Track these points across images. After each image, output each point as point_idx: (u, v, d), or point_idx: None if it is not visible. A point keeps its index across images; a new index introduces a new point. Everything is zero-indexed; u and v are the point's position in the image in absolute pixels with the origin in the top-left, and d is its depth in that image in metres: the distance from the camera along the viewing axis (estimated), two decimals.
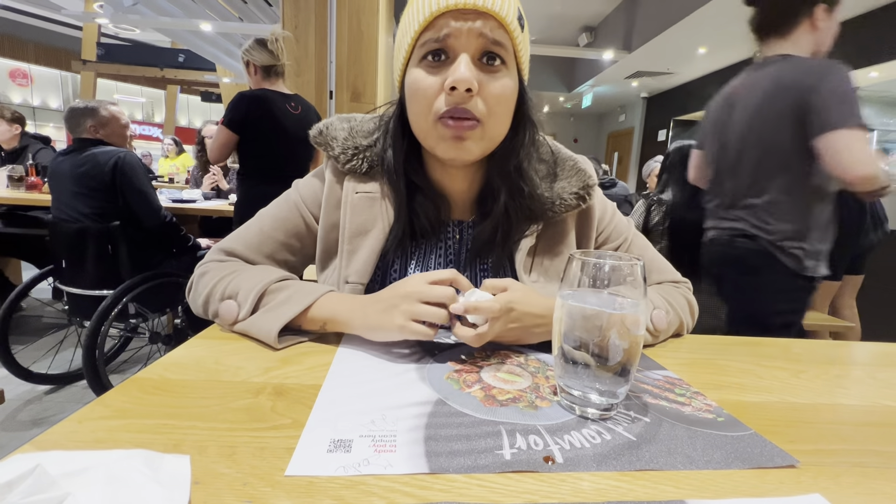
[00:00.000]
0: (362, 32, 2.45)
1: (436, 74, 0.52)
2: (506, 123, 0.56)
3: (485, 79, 0.52)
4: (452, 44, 0.51)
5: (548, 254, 0.63)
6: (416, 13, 0.52)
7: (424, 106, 0.53)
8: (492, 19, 0.51)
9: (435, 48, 0.52)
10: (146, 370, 0.43)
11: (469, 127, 0.52)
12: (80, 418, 0.34)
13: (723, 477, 0.32)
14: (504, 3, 0.51)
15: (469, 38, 0.51)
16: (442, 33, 0.51)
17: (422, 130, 0.56)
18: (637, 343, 0.39)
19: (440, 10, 0.50)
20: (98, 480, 0.24)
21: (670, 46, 5.28)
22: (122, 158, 1.65)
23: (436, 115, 0.53)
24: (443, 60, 0.52)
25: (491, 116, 0.53)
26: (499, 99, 0.53)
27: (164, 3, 4.16)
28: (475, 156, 0.56)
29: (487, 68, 0.52)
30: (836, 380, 0.52)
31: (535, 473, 0.31)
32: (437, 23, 0.51)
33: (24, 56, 9.29)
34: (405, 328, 0.48)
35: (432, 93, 0.52)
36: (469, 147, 0.54)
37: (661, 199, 1.74)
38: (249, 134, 1.84)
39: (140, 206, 1.71)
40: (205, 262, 0.62)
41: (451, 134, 0.53)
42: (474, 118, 0.52)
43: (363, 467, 0.31)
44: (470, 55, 0.51)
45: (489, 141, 0.56)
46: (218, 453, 0.31)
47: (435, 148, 0.56)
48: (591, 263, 0.39)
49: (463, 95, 0.51)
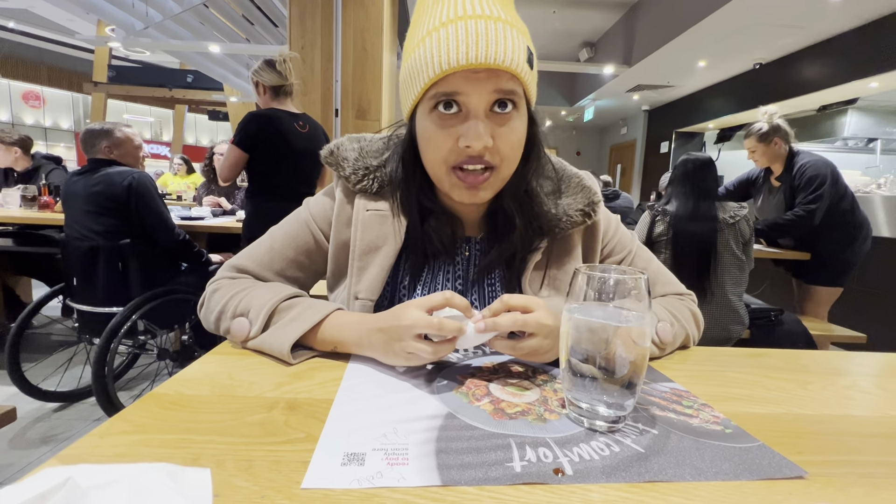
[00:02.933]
0: (367, 52, 2.51)
1: (449, 128, 0.52)
2: (517, 162, 0.57)
3: (497, 128, 0.52)
4: (464, 100, 0.51)
5: (555, 268, 0.63)
6: (424, 66, 0.50)
7: (439, 156, 0.54)
8: (504, 73, 0.50)
9: (446, 100, 0.51)
10: (163, 386, 0.44)
11: (483, 179, 0.54)
12: (101, 433, 0.35)
13: (731, 488, 0.33)
14: (515, 52, 0.50)
15: (482, 96, 0.50)
16: (453, 90, 0.50)
17: (436, 176, 0.57)
18: (643, 355, 0.40)
19: (451, 70, 0.49)
20: (124, 493, 0.25)
21: (670, 60, 5.34)
22: (136, 179, 1.69)
23: (449, 165, 0.54)
24: (454, 112, 0.52)
25: (504, 161, 0.54)
26: (512, 145, 0.54)
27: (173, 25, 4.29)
28: (489, 198, 0.58)
29: (499, 116, 0.52)
30: (843, 391, 0.53)
31: (546, 485, 0.32)
32: (448, 80, 0.50)
33: (37, 78, 9.54)
34: (408, 361, 0.48)
35: (446, 145, 0.53)
36: (483, 195, 0.56)
37: (666, 209, 1.75)
38: (259, 153, 1.87)
39: (155, 225, 1.75)
40: (216, 279, 0.63)
41: (465, 185, 0.55)
42: (489, 167, 0.54)
43: (377, 480, 0.31)
44: (483, 110, 0.51)
45: (502, 182, 0.57)
46: (235, 467, 0.32)
47: (450, 192, 0.57)
48: (596, 277, 0.40)
49: (479, 151, 0.52)
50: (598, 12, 5.88)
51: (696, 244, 1.68)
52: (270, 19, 4.51)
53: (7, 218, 2.39)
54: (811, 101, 5.18)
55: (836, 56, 4.41)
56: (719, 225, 1.68)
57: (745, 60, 5.32)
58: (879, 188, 3.51)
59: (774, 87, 5.22)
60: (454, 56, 0.48)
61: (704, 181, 1.74)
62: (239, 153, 1.85)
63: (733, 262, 1.69)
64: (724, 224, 1.68)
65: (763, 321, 1.83)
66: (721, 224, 1.68)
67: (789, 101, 5.12)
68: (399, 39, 3.44)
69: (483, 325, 0.47)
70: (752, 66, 5.47)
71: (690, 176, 1.75)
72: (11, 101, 9.42)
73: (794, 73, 4.93)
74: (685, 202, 1.72)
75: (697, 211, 1.70)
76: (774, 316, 1.85)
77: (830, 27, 4.22)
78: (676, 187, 1.78)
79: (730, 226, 1.68)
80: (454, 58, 0.48)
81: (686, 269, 1.67)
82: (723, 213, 1.70)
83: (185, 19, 4.26)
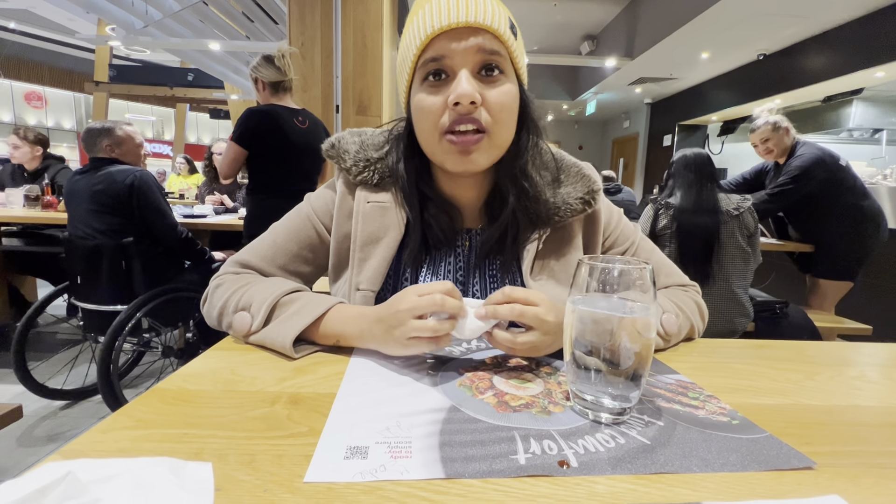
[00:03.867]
0: (367, 47, 2.50)
1: (438, 93, 0.54)
2: (511, 129, 0.58)
3: (486, 89, 0.54)
4: (451, 63, 0.53)
5: (553, 258, 0.63)
6: (413, 37, 0.54)
7: (430, 124, 0.55)
8: (486, 33, 0.53)
9: (434, 69, 0.54)
10: (165, 381, 0.44)
11: (475, 140, 0.54)
12: (104, 429, 0.35)
13: (739, 479, 0.32)
14: (495, 16, 0.53)
15: (466, 56, 0.53)
16: (439, 54, 0.53)
17: (430, 147, 0.58)
18: (648, 347, 0.39)
19: (435, 32, 0.52)
20: (126, 487, 0.24)
21: (673, 52, 5.29)
22: (137, 177, 1.70)
23: (442, 131, 0.54)
24: (444, 79, 0.54)
25: (496, 124, 0.55)
26: (502, 106, 0.54)
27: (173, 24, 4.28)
28: (483, 166, 0.57)
29: (487, 79, 0.54)
30: (850, 381, 0.52)
31: (551, 478, 0.32)
32: (434, 45, 0.53)
33: (39, 79, 9.57)
34: (409, 347, 0.48)
35: (437, 111, 0.54)
36: (476, 159, 0.56)
37: (669, 203, 1.74)
38: (259, 149, 1.87)
39: (157, 223, 1.75)
40: (219, 275, 0.63)
41: (457, 149, 0.55)
42: (480, 129, 0.54)
43: (380, 473, 0.31)
44: (469, 70, 0.53)
45: (497, 149, 0.57)
46: (238, 461, 0.32)
47: (444, 162, 0.57)
48: (599, 268, 0.40)
49: (467, 108, 0.52)
50: (599, 4, 5.83)
51: (701, 236, 1.67)
52: (270, 16, 4.49)
53: (11, 218, 2.40)
54: (816, 92, 5.13)
55: (841, 46, 4.36)
56: (723, 217, 1.66)
57: (749, 51, 5.27)
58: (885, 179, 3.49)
59: (779, 77, 5.17)
60: (437, 19, 0.52)
61: (704, 172, 1.73)
62: (238, 149, 1.85)
63: (738, 254, 1.67)
64: (728, 216, 1.67)
65: (768, 314, 1.82)
66: (725, 216, 1.67)
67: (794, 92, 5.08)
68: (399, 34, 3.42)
69: (483, 310, 0.47)
70: (755, 57, 5.42)
71: (691, 167, 1.75)
72: (14, 102, 9.45)
73: (799, 63, 4.88)
74: (687, 194, 1.72)
75: (700, 203, 1.69)
76: (779, 308, 1.84)
77: (835, 16, 4.17)
78: (677, 179, 1.77)
79: (734, 217, 1.67)
80: (437, 21, 0.52)
81: (690, 262, 1.67)
82: (726, 204, 1.69)
83: (185, 17, 4.26)
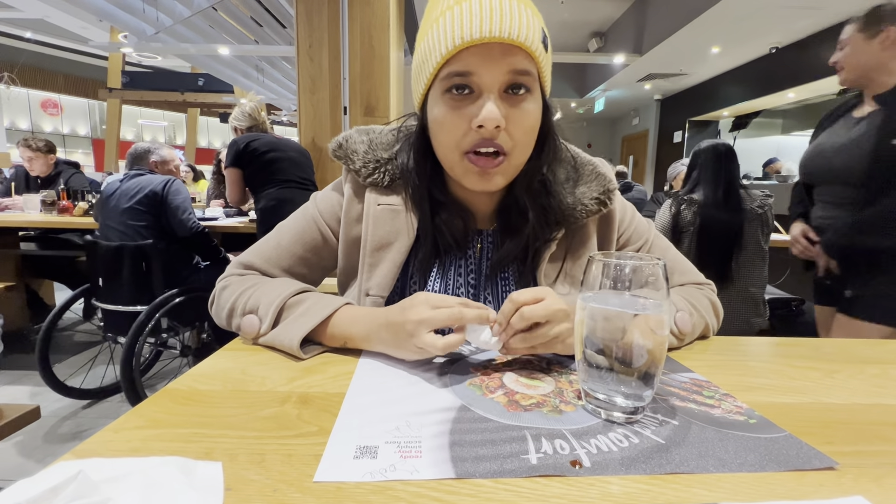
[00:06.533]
0: (374, 49, 2.50)
1: (461, 109, 0.51)
2: (530, 148, 0.56)
3: (510, 111, 0.51)
4: (478, 81, 0.49)
5: (570, 260, 0.62)
6: (437, 43, 0.49)
7: (451, 141, 0.53)
8: (519, 51, 0.49)
9: (459, 83, 0.50)
10: (176, 381, 0.44)
11: (496, 164, 0.52)
12: (115, 428, 0.35)
13: (757, 480, 0.31)
14: (530, 29, 0.48)
15: (495, 75, 0.49)
16: (466, 69, 0.49)
17: (448, 162, 0.56)
18: (661, 344, 0.38)
19: (465, 45, 0.47)
20: (136, 486, 0.24)
21: (682, 47, 5.23)
22: (172, 181, 1.93)
23: (462, 150, 0.53)
24: (467, 94, 0.51)
25: (517, 147, 0.53)
26: (525, 129, 0.53)
27: (183, 30, 4.34)
28: (501, 186, 0.56)
29: (513, 98, 0.51)
30: (872, 379, 0.50)
31: (563, 478, 0.31)
32: (461, 57, 0.49)
33: (54, 87, 9.78)
34: (417, 355, 0.47)
35: (459, 129, 0.52)
36: (496, 181, 0.54)
37: (693, 198, 1.65)
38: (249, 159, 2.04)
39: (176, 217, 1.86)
40: (225, 276, 0.63)
41: (477, 170, 0.53)
42: (501, 152, 0.52)
43: (390, 473, 0.31)
44: (497, 90, 0.50)
45: (515, 169, 0.56)
46: (248, 460, 0.32)
47: (462, 180, 0.56)
48: (612, 265, 0.39)
49: (491, 133, 0.50)
50: (606, 1, 5.78)
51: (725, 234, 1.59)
52: (279, 21, 4.53)
53: (28, 223, 2.45)
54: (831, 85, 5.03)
55: None
56: (747, 215, 1.59)
57: (761, 45, 5.19)
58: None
59: (792, 71, 5.08)
60: (468, 30, 0.47)
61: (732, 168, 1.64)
62: (235, 172, 2.04)
63: (757, 252, 1.61)
64: (753, 214, 1.59)
65: (783, 311, 1.78)
66: (749, 214, 1.59)
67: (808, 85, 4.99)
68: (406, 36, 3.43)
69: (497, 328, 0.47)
70: (768, 51, 5.33)
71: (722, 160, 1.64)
72: (31, 110, 9.67)
73: (813, 56, 4.79)
74: (714, 190, 1.62)
75: (728, 199, 1.60)
76: (795, 306, 1.80)
77: (849, 7, 4.08)
78: (704, 173, 1.67)
79: (758, 216, 1.60)
80: (468, 32, 0.47)
81: (710, 260, 1.59)
82: (750, 202, 1.61)
83: (195, 23, 4.31)
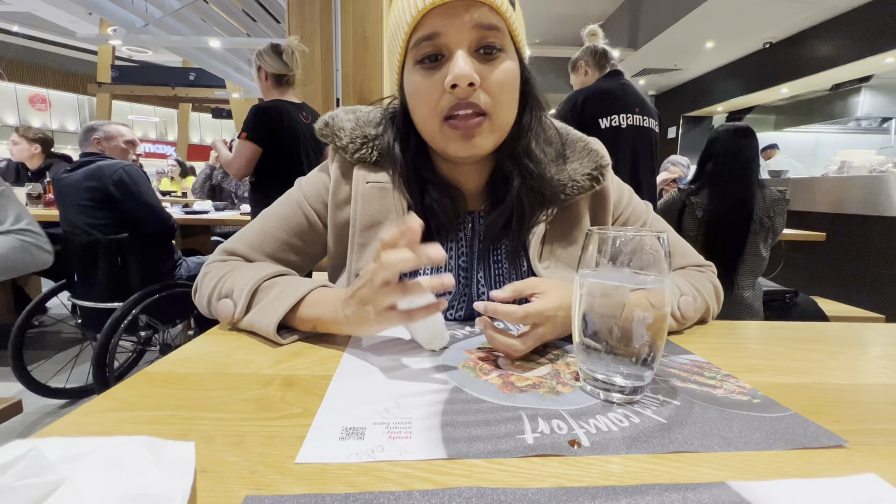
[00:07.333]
0: (367, 39, 2.47)
1: (434, 75, 0.50)
2: (513, 109, 0.55)
3: (485, 69, 0.50)
4: (446, 41, 0.49)
5: (561, 240, 0.60)
6: (403, 13, 0.49)
7: (428, 109, 0.52)
8: (482, 6, 0.48)
9: (429, 50, 0.50)
10: (154, 365, 0.42)
11: (476, 124, 0.51)
12: (86, 411, 0.33)
13: (764, 458, 0.30)
14: None
15: (462, 33, 0.48)
16: (433, 31, 0.49)
17: (429, 133, 0.54)
18: (662, 321, 0.37)
19: (427, 7, 0.48)
20: (98, 465, 0.22)
21: (677, 42, 5.23)
22: (125, 171, 1.68)
23: (441, 116, 0.51)
24: (439, 60, 0.50)
25: (497, 105, 0.51)
26: (502, 86, 0.51)
27: (174, 22, 4.27)
28: (487, 150, 0.54)
29: (486, 58, 0.50)
30: (875, 360, 0.49)
31: (561, 457, 0.29)
32: (427, 21, 0.49)
33: (42, 82, 9.62)
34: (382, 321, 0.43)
35: (434, 95, 0.51)
36: (479, 143, 0.53)
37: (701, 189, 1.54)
38: (270, 145, 1.86)
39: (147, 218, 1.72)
40: (207, 263, 0.61)
41: (459, 134, 0.51)
42: (481, 112, 0.51)
43: (377, 454, 0.29)
44: (466, 48, 0.49)
45: (499, 131, 0.54)
46: (225, 442, 0.30)
47: (445, 149, 0.54)
48: (610, 239, 0.37)
49: (466, 90, 0.49)
50: None
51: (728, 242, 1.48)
52: (272, 14, 4.47)
53: None
54: (824, 80, 5.05)
55: (849, 32, 4.29)
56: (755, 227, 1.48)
57: (755, 40, 5.20)
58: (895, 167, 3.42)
59: (785, 66, 5.10)
60: None
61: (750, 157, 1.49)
62: (253, 148, 1.83)
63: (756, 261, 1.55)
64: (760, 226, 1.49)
65: (778, 303, 1.78)
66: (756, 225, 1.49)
67: (801, 81, 5.00)
68: None
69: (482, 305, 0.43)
70: (762, 46, 5.34)
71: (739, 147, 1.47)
72: (18, 105, 9.51)
73: (807, 50, 4.80)
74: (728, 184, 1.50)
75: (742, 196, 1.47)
76: (789, 298, 1.80)
77: (844, 1, 4.09)
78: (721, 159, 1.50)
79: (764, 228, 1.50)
80: None
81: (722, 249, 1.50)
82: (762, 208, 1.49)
83: (186, 16, 4.24)
